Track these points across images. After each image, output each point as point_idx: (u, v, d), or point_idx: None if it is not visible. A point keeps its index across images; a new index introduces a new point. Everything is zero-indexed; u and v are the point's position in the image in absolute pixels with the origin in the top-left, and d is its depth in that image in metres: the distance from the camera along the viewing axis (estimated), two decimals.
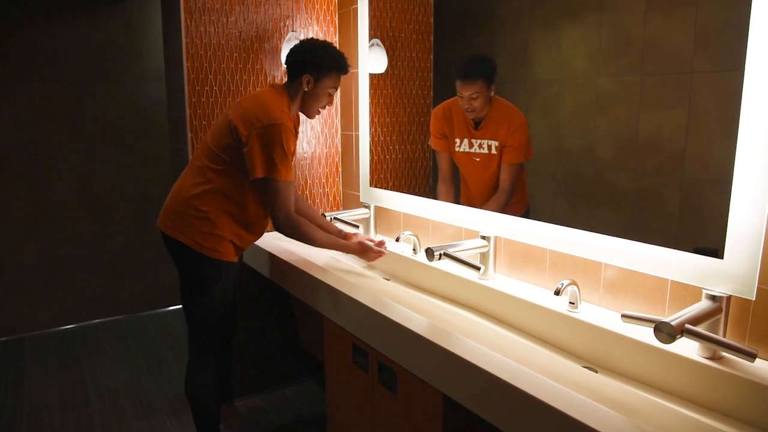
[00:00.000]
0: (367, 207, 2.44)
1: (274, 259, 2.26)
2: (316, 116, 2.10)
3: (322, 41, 2.03)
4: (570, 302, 1.53)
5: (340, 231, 2.18)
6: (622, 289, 1.51)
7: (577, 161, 1.58)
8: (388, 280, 2.20)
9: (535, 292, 1.69)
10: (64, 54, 3.56)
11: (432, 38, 2.16)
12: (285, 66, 2.06)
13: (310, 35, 2.62)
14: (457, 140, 1.99)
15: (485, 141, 1.88)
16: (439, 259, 1.72)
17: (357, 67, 2.56)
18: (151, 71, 3.85)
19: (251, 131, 1.86)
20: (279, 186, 1.90)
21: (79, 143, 3.70)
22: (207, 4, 2.36)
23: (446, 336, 1.38)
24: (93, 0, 3.62)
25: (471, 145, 1.94)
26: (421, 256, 2.11)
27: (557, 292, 1.47)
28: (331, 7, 2.67)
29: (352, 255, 2.18)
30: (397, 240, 2.09)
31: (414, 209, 2.25)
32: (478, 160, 1.93)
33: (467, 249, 1.80)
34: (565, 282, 1.49)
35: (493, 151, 1.87)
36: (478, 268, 1.69)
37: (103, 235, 3.85)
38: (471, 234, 1.99)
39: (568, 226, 1.61)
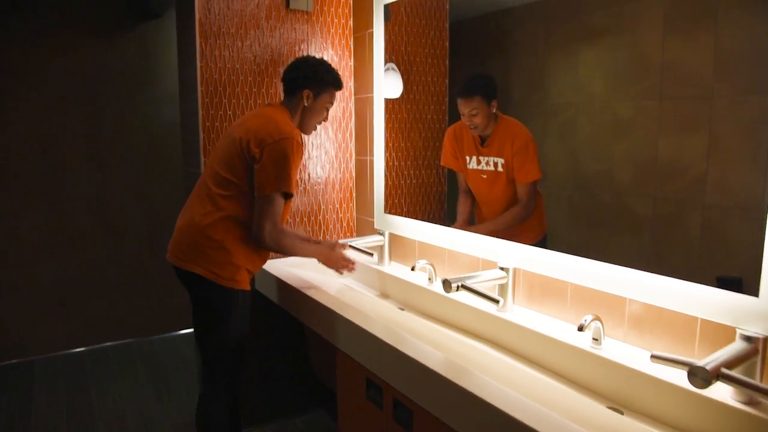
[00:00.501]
0: (382, 234, 2.40)
1: (283, 286, 2.21)
2: (331, 143, 2.09)
3: (319, 58, 2.10)
4: (593, 338, 1.47)
5: (310, 237, 2.23)
6: (648, 326, 1.44)
7: (595, 186, 1.55)
8: (402, 309, 2.14)
9: (556, 326, 1.63)
10: (80, 75, 3.58)
11: (447, 62, 2.14)
12: (282, 82, 2.09)
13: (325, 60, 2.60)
14: (467, 157, 2.00)
15: (491, 158, 1.89)
16: (457, 290, 1.66)
17: (372, 92, 2.54)
18: (165, 93, 3.86)
19: (263, 147, 1.86)
20: (276, 200, 1.88)
21: (93, 164, 3.70)
22: (222, 28, 2.35)
23: (465, 374, 1.32)
24: (111, 23, 3.65)
25: (479, 162, 1.95)
26: (437, 286, 2.06)
27: (581, 328, 1.41)
28: (347, 31, 2.65)
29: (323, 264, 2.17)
30: (413, 269, 2.04)
31: (430, 237, 2.20)
32: (485, 177, 1.94)
33: (485, 280, 1.74)
34: (589, 318, 1.43)
35: (500, 169, 1.87)
36: (497, 301, 1.63)
37: (115, 257, 3.83)
38: (488, 264, 1.93)
39: (585, 251, 1.57)
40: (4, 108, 3.39)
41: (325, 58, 2.59)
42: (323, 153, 2.66)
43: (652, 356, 1.19)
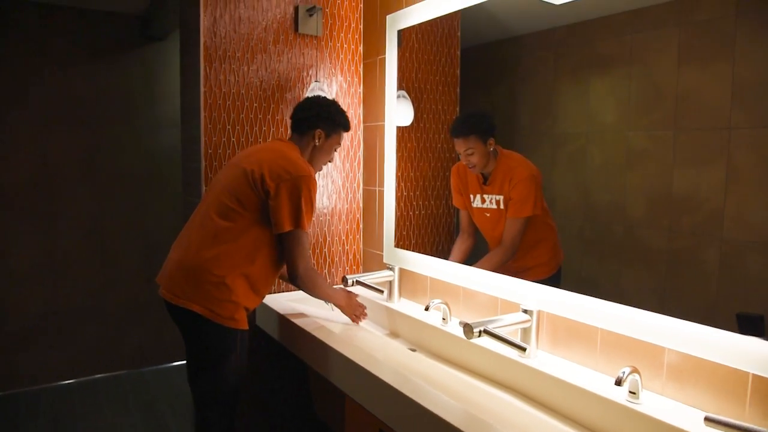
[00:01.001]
0: (391, 269, 2.28)
1: (285, 323, 2.08)
2: (338, 172, 2.04)
3: (331, 99, 2.08)
4: (630, 391, 1.35)
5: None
6: (690, 378, 1.32)
7: (607, 218, 1.52)
8: (413, 350, 2.01)
9: (586, 376, 1.50)
10: (79, 97, 3.50)
11: (458, 90, 2.10)
12: (292, 120, 2.05)
13: (334, 86, 2.51)
14: (471, 196, 1.98)
15: (493, 196, 1.87)
16: (479, 336, 1.54)
17: (382, 120, 2.44)
18: (165, 117, 3.77)
19: (279, 182, 1.80)
20: (303, 237, 1.85)
21: (89, 188, 3.59)
22: (228, 51, 2.26)
23: (488, 430, 1.19)
24: (112, 44, 3.57)
25: (483, 201, 1.93)
26: (453, 327, 1.93)
27: (618, 382, 1.29)
28: (356, 57, 2.57)
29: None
30: (427, 309, 1.91)
31: (444, 274, 2.08)
32: (488, 215, 1.92)
33: (508, 325, 1.62)
34: (626, 370, 1.31)
35: (501, 206, 1.85)
36: (524, 349, 1.50)
37: (109, 285, 3.70)
38: (508, 305, 1.81)
39: (596, 285, 1.54)
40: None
41: (334, 85, 2.51)
42: (330, 182, 2.55)
43: (707, 419, 1.07)
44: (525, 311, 1.67)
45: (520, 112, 1.80)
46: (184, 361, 2.46)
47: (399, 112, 2.33)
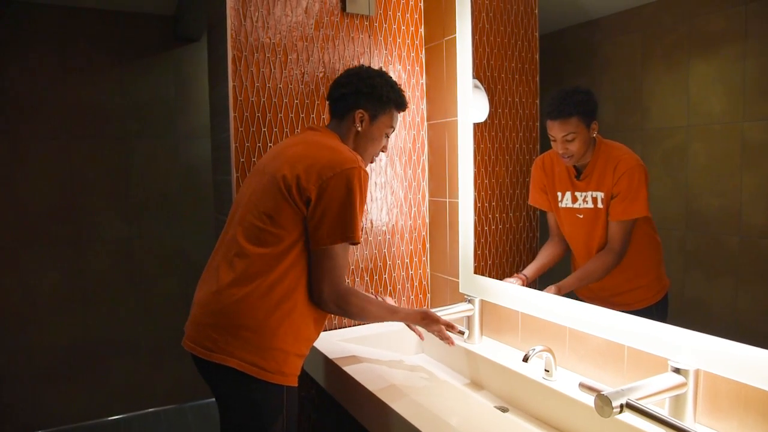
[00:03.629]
0: (470, 301, 1.81)
1: (334, 370, 1.65)
2: (399, 181, 1.62)
3: (377, 69, 1.65)
4: None
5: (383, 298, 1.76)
6: None
7: (716, 227, 1.30)
8: (505, 411, 1.54)
9: None
10: (106, 107, 3.18)
11: (538, 79, 1.77)
12: (328, 101, 1.66)
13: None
14: (559, 194, 1.64)
15: (589, 193, 1.57)
16: (620, 412, 1.06)
17: (453, 116, 1.99)
18: (203, 127, 3.43)
19: (322, 182, 1.39)
20: (340, 251, 1.44)
21: (120, 208, 3.27)
22: (261, 38, 1.85)
23: None
24: (141, 49, 3.25)
25: (575, 200, 1.60)
26: (560, 382, 1.45)
27: None
28: (416, 41, 2.12)
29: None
30: (526, 360, 1.43)
31: (543, 311, 1.61)
32: (581, 217, 1.58)
33: (656, 393, 1.13)
34: None
35: (599, 205, 1.53)
36: None
37: (142, 315, 3.36)
38: (637, 355, 1.33)
39: (705, 308, 1.30)
40: (19, 146, 2.99)
41: (392, 75, 2.06)
42: (389, 193, 2.09)
43: None
44: (677, 370, 1.18)
45: (602, 107, 1.56)
46: None
47: (474, 104, 1.89)
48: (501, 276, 1.80)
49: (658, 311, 1.36)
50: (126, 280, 3.31)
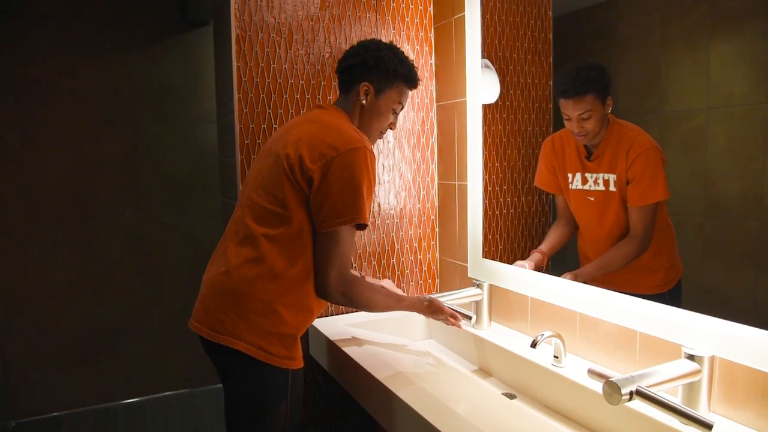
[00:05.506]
0: (479, 286, 1.77)
1: (338, 355, 1.62)
2: (407, 163, 1.57)
3: (387, 42, 1.59)
4: None
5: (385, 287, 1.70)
6: None
7: (737, 212, 1.27)
8: (512, 397, 1.51)
9: None
10: (115, 92, 3.15)
11: (551, 59, 1.73)
12: (337, 75, 1.60)
13: None
14: (570, 175, 1.59)
15: (601, 174, 1.52)
16: (630, 399, 1.02)
17: (462, 96, 1.94)
18: (211, 111, 3.39)
19: (325, 163, 1.36)
20: (348, 236, 1.40)
21: (130, 194, 3.25)
22: (266, 17, 1.81)
23: None
24: (150, 33, 3.21)
25: (585, 181, 1.55)
26: (569, 368, 1.41)
27: None
28: (425, 20, 2.07)
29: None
30: (534, 346, 1.40)
31: (553, 295, 1.57)
32: (592, 199, 1.53)
33: (668, 380, 1.09)
34: None
35: (611, 188, 1.48)
36: (710, 427, 0.96)
37: (153, 299, 3.35)
38: (649, 341, 1.29)
39: (724, 295, 1.25)
40: (28, 131, 2.98)
41: None
42: (397, 176, 2.06)
43: None
44: (690, 357, 1.14)
45: (618, 90, 1.52)
46: None
47: (484, 85, 1.84)
48: (512, 261, 1.77)
49: (671, 297, 1.32)
50: (137, 265, 3.30)
